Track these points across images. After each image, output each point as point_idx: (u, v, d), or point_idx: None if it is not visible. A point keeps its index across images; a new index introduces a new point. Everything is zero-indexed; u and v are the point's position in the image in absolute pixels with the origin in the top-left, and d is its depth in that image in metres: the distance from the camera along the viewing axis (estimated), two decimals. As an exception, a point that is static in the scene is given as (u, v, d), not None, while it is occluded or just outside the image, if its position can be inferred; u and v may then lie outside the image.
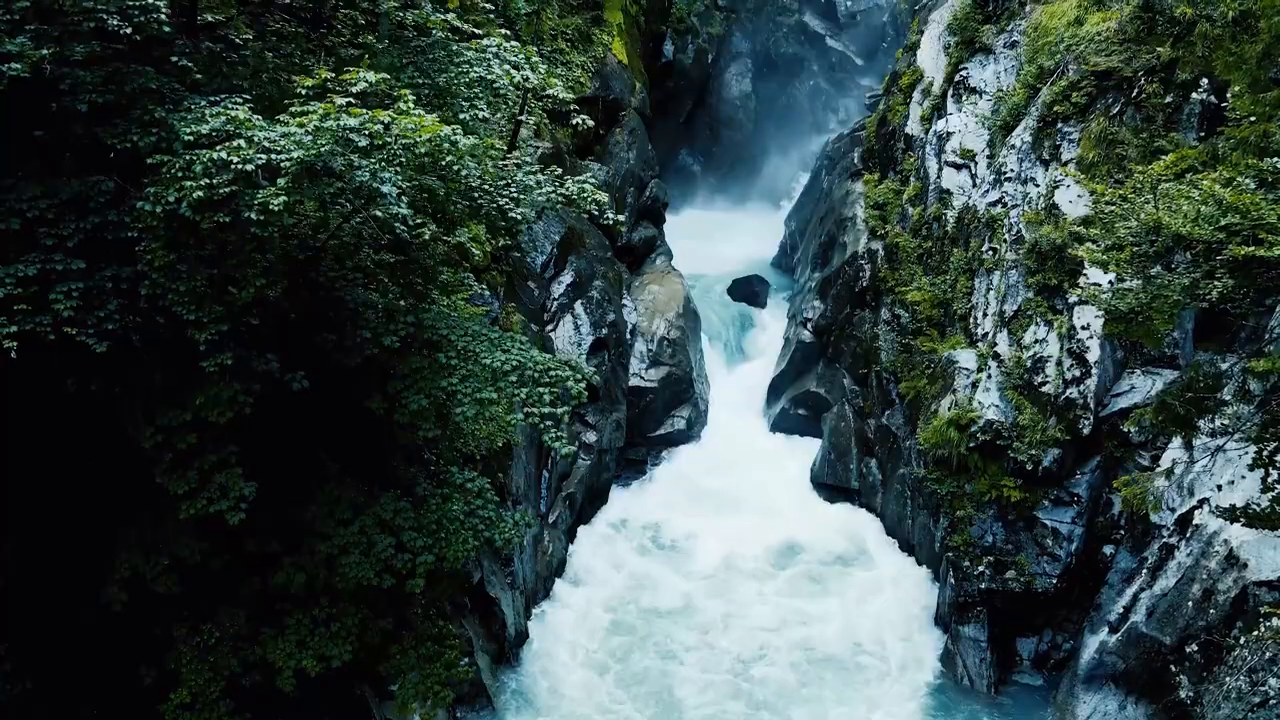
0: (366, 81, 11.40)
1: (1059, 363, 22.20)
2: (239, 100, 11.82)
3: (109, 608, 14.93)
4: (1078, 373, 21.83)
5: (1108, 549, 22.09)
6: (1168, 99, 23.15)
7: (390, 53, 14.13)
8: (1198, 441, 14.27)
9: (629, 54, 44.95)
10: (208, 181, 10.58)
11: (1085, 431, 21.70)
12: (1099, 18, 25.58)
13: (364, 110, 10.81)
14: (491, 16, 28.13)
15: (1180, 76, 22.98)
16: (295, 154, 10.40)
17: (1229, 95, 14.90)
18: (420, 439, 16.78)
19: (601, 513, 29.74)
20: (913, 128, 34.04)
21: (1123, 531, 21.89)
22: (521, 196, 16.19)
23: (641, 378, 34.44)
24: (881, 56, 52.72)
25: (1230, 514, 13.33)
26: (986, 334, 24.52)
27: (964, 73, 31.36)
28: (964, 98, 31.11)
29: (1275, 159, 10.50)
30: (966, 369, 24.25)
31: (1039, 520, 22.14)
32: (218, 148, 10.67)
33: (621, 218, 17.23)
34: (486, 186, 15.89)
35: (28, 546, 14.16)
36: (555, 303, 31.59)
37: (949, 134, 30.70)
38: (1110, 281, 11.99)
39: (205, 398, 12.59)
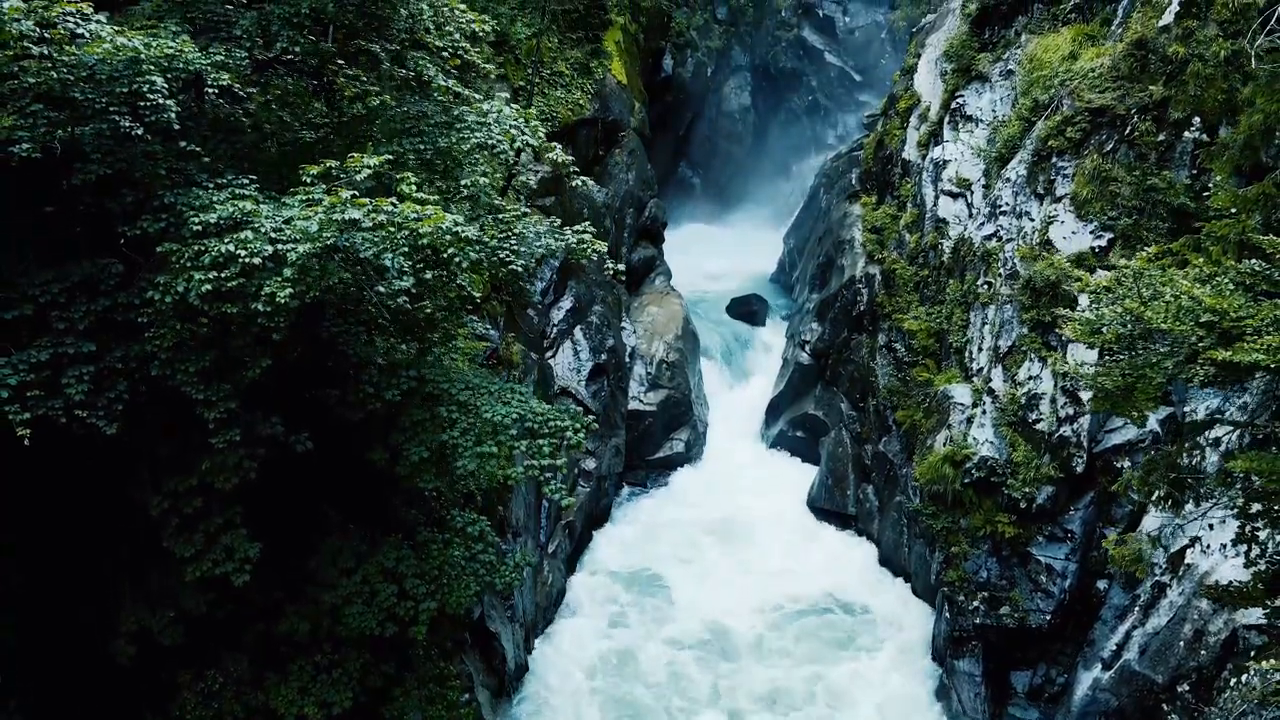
0: (369, 168, 11.63)
1: (1053, 400, 22.43)
2: (246, 181, 12.06)
3: (115, 659, 15.15)
4: (1071, 411, 22.06)
5: (1101, 584, 22.28)
6: (1160, 137, 23.33)
7: (393, 118, 14.36)
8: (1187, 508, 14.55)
9: (628, 73, 45.18)
10: (215, 275, 10.83)
11: (1079, 469, 21.92)
12: (1092, 53, 25.79)
13: (368, 201, 11.04)
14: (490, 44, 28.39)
15: (1173, 115, 23.16)
16: (302, 248, 10.64)
17: (1211, 185, 15.11)
18: (421, 489, 17.00)
19: (601, 538, 29.93)
20: (910, 153, 34.29)
21: (1116, 567, 22.11)
22: (521, 248, 16.43)
23: (640, 401, 34.69)
24: (879, 72, 53.00)
25: (1214, 593, 13.56)
26: (981, 369, 24.76)
27: (960, 100, 31.58)
28: (960, 125, 31.33)
29: (1254, 261, 10.75)
30: (961, 404, 24.49)
31: (1033, 556, 22.36)
32: (226, 239, 10.91)
33: (621, 268, 17.44)
34: (486, 240, 16.17)
35: (37, 604, 14.39)
36: (555, 329, 31.81)
37: (945, 162, 30.94)
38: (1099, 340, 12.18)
39: (211, 464, 12.83)
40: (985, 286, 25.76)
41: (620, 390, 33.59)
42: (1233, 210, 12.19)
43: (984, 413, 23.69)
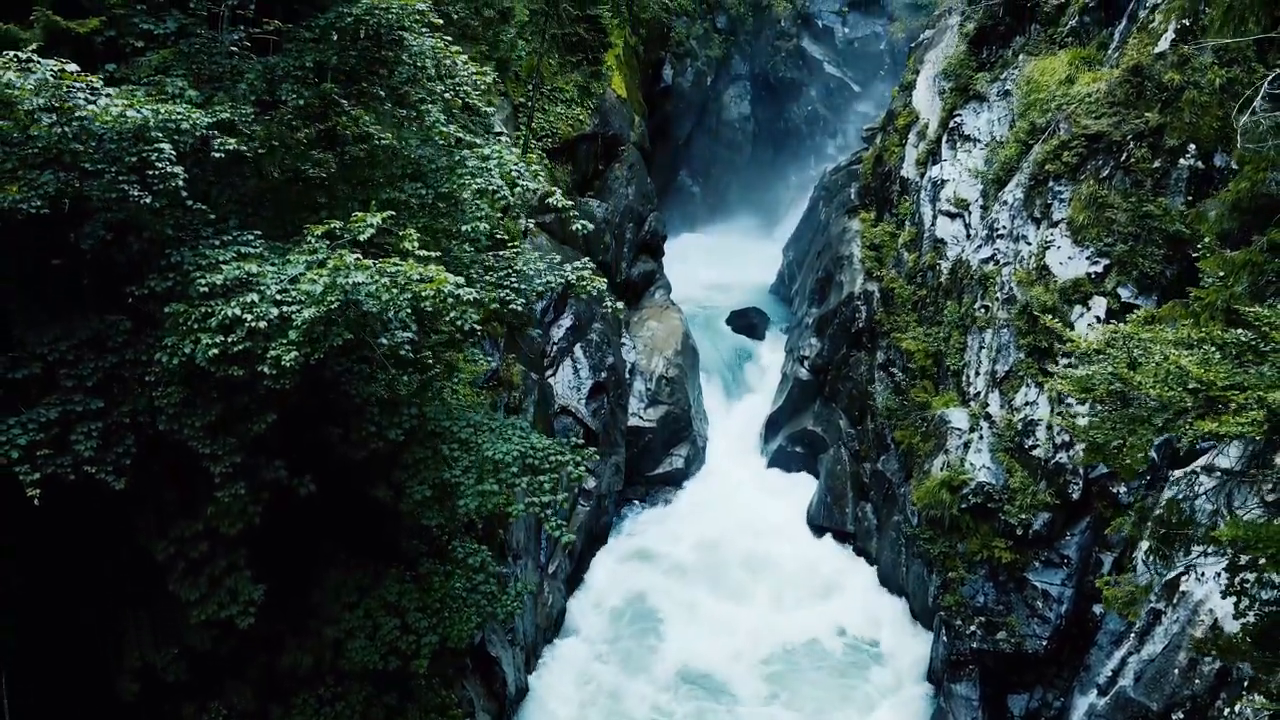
0: (372, 227, 11.80)
1: (1049, 426, 22.59)
2: (251, 237, 12.22)
3: (120, 697, 15.32)
4: (1067, 437, 22.21)
5: (1097, 608, 22.44)
6: (1156, 163, 23.50)
7: (395, 159, 14.53)
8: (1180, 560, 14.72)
9: (628, 85, 45.32)
10: (222, 339, 11.01)
11: (1075, 496, 22.09)
12: (1089, 78, 25.95)
13: (371, 263, 11.21)
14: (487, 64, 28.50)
15: (1168, 142, 23.34)
16: (307, 312, 10.82)
17: (1199, 246, 15.28)
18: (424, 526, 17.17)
19: (601, 558, 30.09)
20: (908, 170, 34.46)
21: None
22: (522, 286, 16.61)
23: (640, 417, 34.84)
24: (878, 83, 53.10)
25: (1204, 646, 13.73)
26: (979, 393, 24.93)
27: (958, 119, 31.75)
28: (958, 145, 31.50)
29: (1240, 331, 10.93)
30: (959, 429, 24.66)
31: (1029, 582, 22.54)
32: (232, 302, 11.09)
33: (621, 305, 17.55)
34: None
35: (43, 643, 14.56)
36: (555, 347, 31.96)
37: (943, 181, 31.10)
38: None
39: (217, 509, 13.00)
40: (983, 310, 25.92)
41: (620, 407, 33.75)
42: (1220, 274, 12.37)
43: (981, 438, 23.86)
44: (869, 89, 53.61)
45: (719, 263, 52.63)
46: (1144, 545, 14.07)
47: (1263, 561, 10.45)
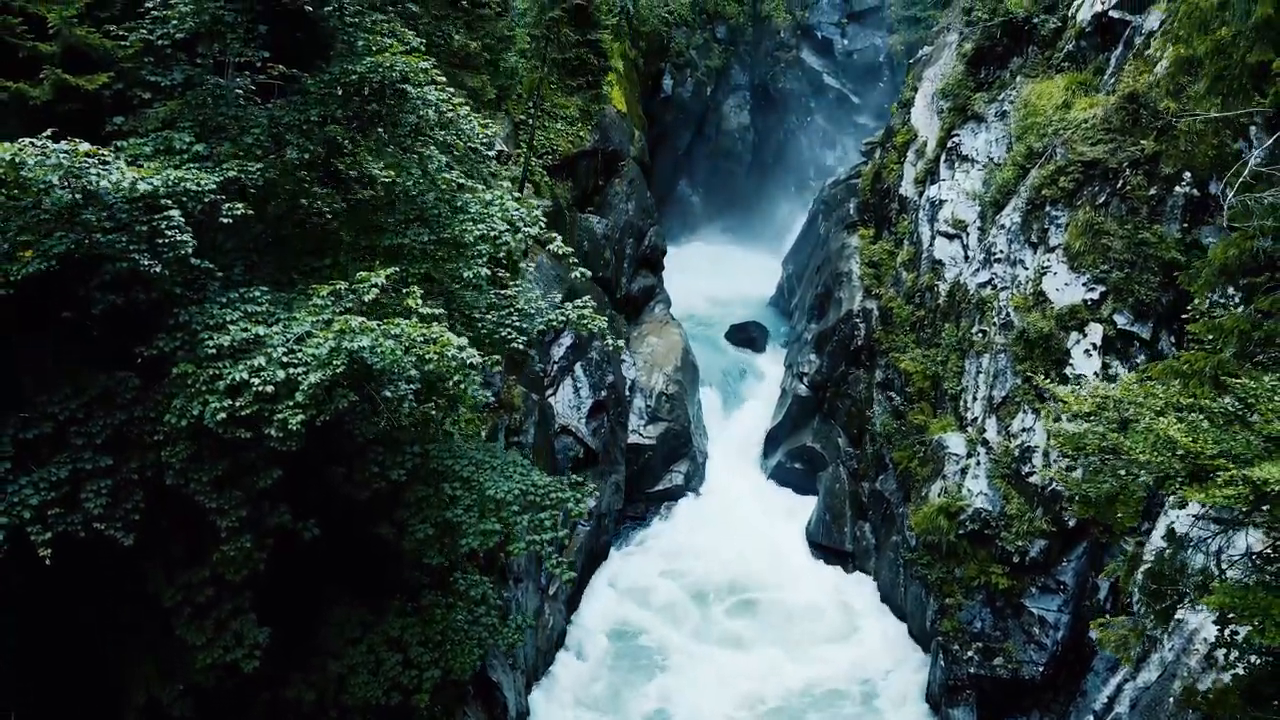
0: (377, 287, 12.01)
1: (1045, 453, 22.78)
2: (258, 294, 12.42)
3: (127, 733, 15.50)
4: (1064, 464, 22.40)
5: (1094, 633, 22.65)
6: (1152, 191, 23.68)
7: (399, 208, 14.73)
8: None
9: (628, 100, 45.53)
10: (230, 403, 11.20)
11: (1071, 523, 22.29)
12: (1085, 104, 26.14)
13: (375, 325, 11.40)
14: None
15: (1164, 170, 23.51)
16: (313, 377, 11.01)
17: (1188, 308, 15.47)
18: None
19: (600, 577, 30.26)
20: (906, 189, 34.65)
21: (1108, 615, 22.47)
22: (523, 324, 16.79)
23: (640, 434, 35.00)
24: (877, 95, 53.33)
25: (1193, 701, 13.94)
26: (976, 418, 25.12)
27: (956, 139, 31.95)
28: (956, 165, 31.70)
29: (1228, 400, 11.13)
30: (956, 455, 24.85)
31: (1026, 608, 22.74)
32: (240, 364, 11.28)
33: (621, 343, 17.73)
34: (490, 316, 16.57)
35: (50, 682, 14.74)
36: (555, 366, 32.11)
37: (941, 201, 31.29)
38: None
39: (222, 558, 13.18)
40: (980, 335, 26.12)
41: (620, 425, 33.93)
42: (1209, 338, 12.55)
43: (978, 464, 24.05)
44: (868, 100, 53.85)
45: (719, 272, 52.87)
46: (1139, 578, 14.20)
47: (1248, 630, 10.64)
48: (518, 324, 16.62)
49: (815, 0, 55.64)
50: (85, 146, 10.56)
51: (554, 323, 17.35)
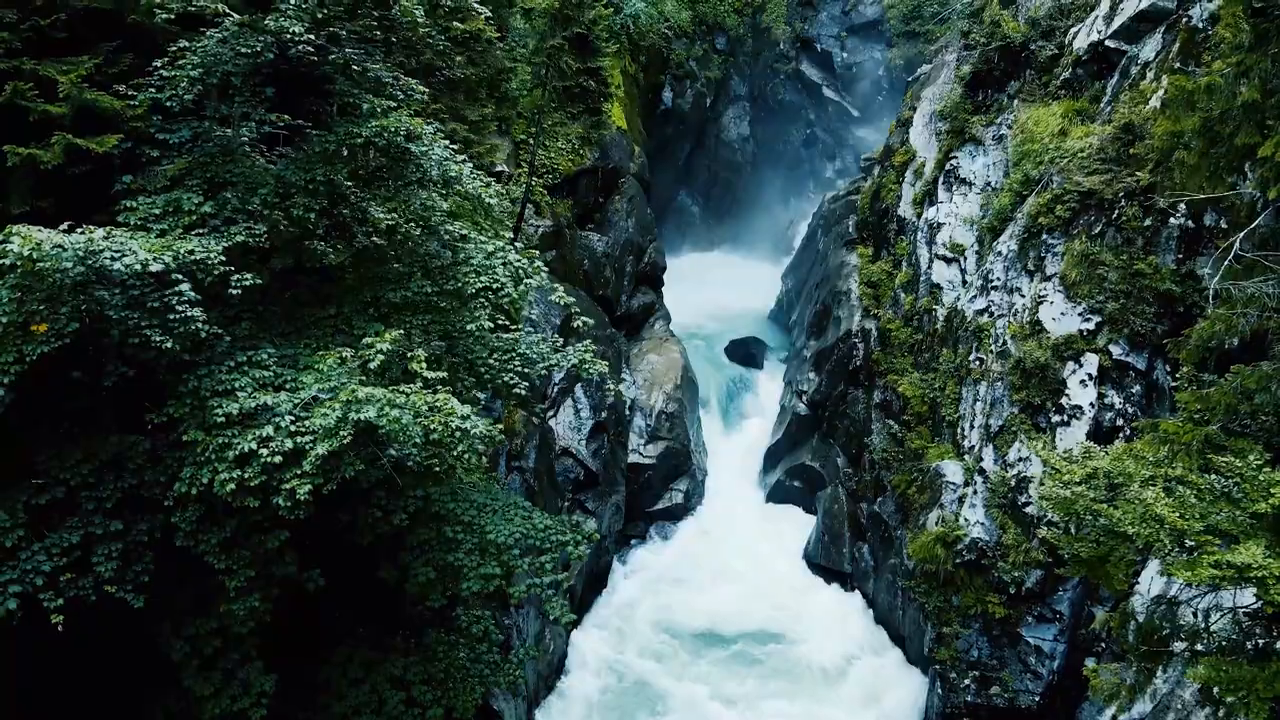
0: (383, 354, 12.23)
1: (1041, 484, 22.96)
2: (265, 357, 12.64)
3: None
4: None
5: (1090, 661, 22.86)
6: (1147, 222, 23.88)
7: (402, 259, 14.96)
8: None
9: (628, 115, 45.73)
10: (239, 473, 11.44)
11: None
12: (1081, 132, 26.35)
13: (381, 395, 11.63)
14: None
15: (1159, 201, 23.71)
16: (320, 448, 11.25)
17: (1176, 377, 15.69)
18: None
19: (601, 600, 30.48)
20: (905, 210, 34.86)
21: (1104, 644, 22.71)
22: (525, 369, 17.01)
23: (640, 454, 35.21)
24: (877, 108, 53.54)
25: None
26: (973, 447, 25.34)
27: (954, 161, 32.16)
28: (954, 187, 31.92)
29: (1214, 477, 11.36)
30: (953, 483, 25.07)
31: (1022, 637, 22.97)
32: (248, 435, 11.51)
33: (621, 389, 17.91)
34: (492, 361, 16.79)
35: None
36: (556, 387, 32.32)
37: (939, 225, 31.50)
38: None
39: (228, 608, 13.40)
40: (977, 363, 26.33)
41: (620, 445, 34.14)
42: (1198, 410, 12.76)
43: (975, 492, 24.27)
44: (867, 113, 54.06)
45: (718, 283, 53.00)
46: (1130, 630, 14.45)
47: (1232, 701, 10.87)
48: (520, 369, 16.84)
49: (815, 13, 55.81)
50: (99, 234, 10.77)
51: (556, 366, 17.57)
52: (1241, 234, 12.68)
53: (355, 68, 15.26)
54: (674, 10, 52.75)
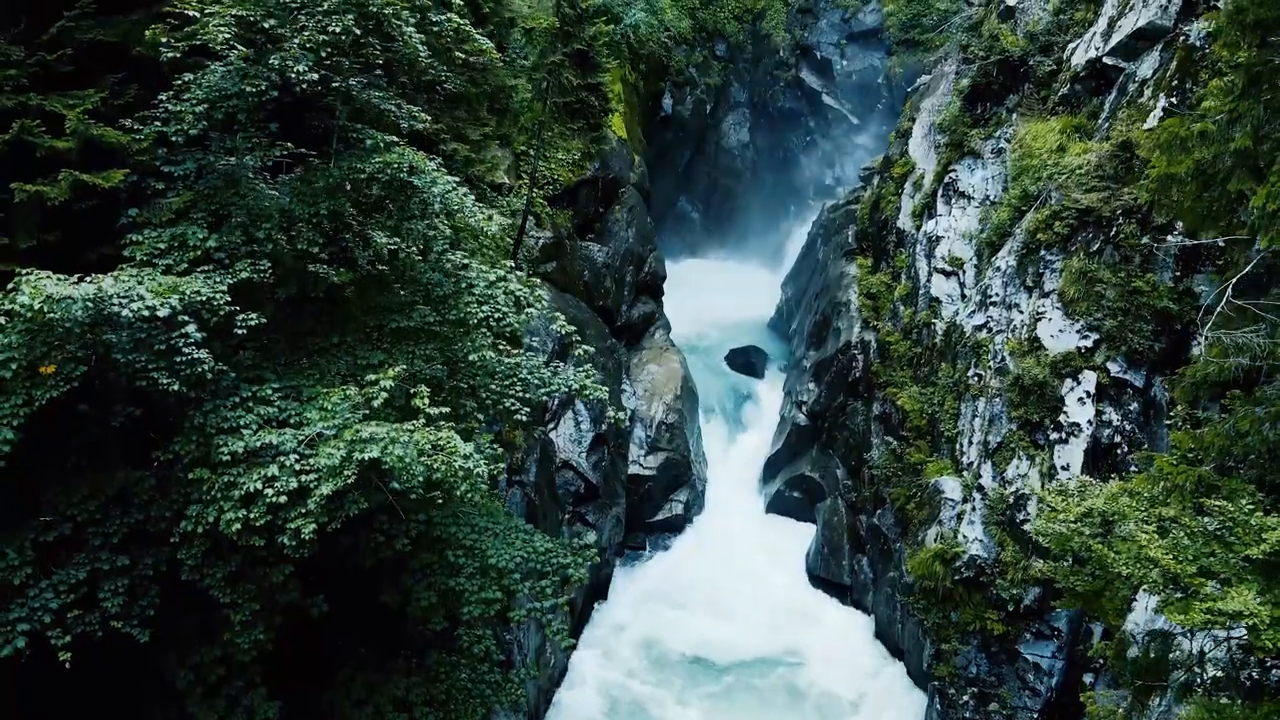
0: (386, 392, 12.36)
1: (1040, 501, 23.10)
2: (269, 392, 12.77)
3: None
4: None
5: (1088, 677, 23.00)
6: (1144, 240, 24.00)
7: (404, 289, 15.10)
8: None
9: (628, 123, 45.85)
10: (245, 513, 11.57)
11: (1064, 571, 22.62)
12: (1079, 149, 26.45)
13: (385, 433, 11.76)
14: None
15: (1156, 219, 23.83)
16: (325, 488, 11.38)
17: (1171, 415, 15.83)
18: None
19: (601, 613, 30.60)
20: (904, 222, 34.98)
21: (1103, 661, 22.82)
22: (526, 394, 17.14)
23: (640, 465, 35.32)
24: (876, 117, 53.59)
25: None
26: (972, 463, 25.47)
27: (953, 174, 32.27)
28: (953, 200, 32.04)
29: (1206, 519, 11.49)
30: (952, 500, 25.20)
31: (1021, 654, 23.10)
32: (254, 475, 11.65)
33: (623, 415, 18.05)
34: (494, 386, 16.93)
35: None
36: (556, 400, 32.42)
37: (938, 238, 31.62)
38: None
39: (232, 635, 13.54)
40: (976, 378, 26.46)
41: (620, 457, 34.27)
42: (1191, 449, 12.89)
43: (974, 509, 24.40)
44: (866, 121, 54.14)
45: (718, 290, 53.03)
46: (1126, 661, 14.61)
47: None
48: (521, 394, 16.97)
49: (814, 21, 55.89)
50: (108, 283, 10.90)
51: (556, 392, 17.69)
52: (1233, 280, 12.80)
53: (358, 96, 15.38)
54: (674, 19, 52.89)
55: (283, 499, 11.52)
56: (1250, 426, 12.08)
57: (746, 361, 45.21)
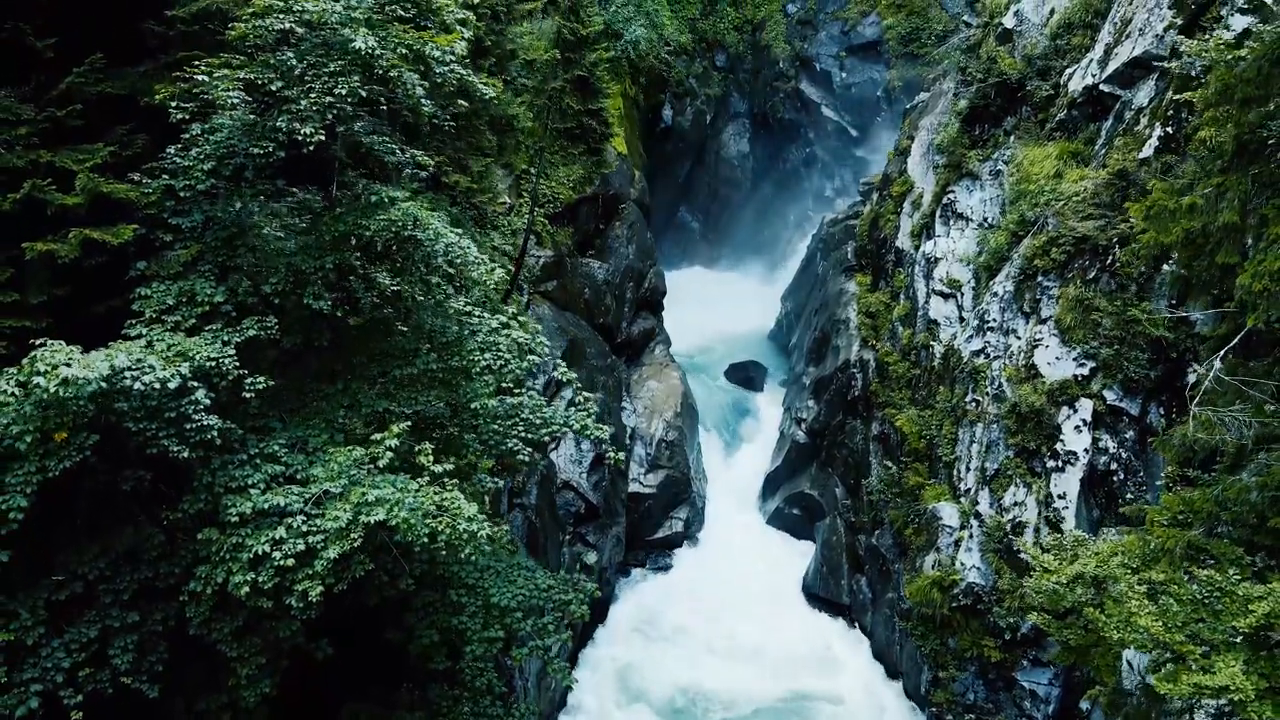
0: (391, 451, 12.59)
1: (1036, 530, 23.36)
2: (276, 449, 12.99)
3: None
4: (1053, 540, 22.95)
5: (1084, 704, 23.21)
6: (1140, 268, 24.20)
7: (409, 339, 15.32)
8: None
9: (628, 138, 46.06)
10: (253, 576, 11.79)
11: (1060, 599, 22.85)
12: (1076, 175, 26.64)
13: (391, 493, 11.98)
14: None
15: (1152, 249, 24.01)
16: (331, 552, 11.60)
17: (1161, 480, 16.04)
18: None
19: (600, 636, 30.78)
20: (903, 241, 35.19)
21: (1099, 687, 23.04)
22: (530, 436, 17.37)
23: (640, 483, 35.55)
24: (876, 129, 53.79)
25: None
26: (969, 489, 25.68)
27: (951, 195, 32.47)
28: (952, 221, 32.25)
29: (1195, 587, 11.71)
30: (950, 527, 25.43)
31: (1018, 681, 23.32)
32: (262, 538, 11.86)
33: (622, 455, 18.26)
34: (496, 427, 17.15)
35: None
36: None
37: (937, 259, 31.83)
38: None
39: (238, 683, 13.75)
40: (973, 404, 26.67)
41: (621, 475, 34.49)
42: (1181, 511, 13.09)
43: (971, 536, 24.62)
44: (866, 134, 54.34)
45: (718, 300, 53.29)
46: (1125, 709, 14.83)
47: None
48: (523, 435, 17.20)
49: (814, 32, 56.11)
50: (121, 358, 11.11)
51: (557, 432, 17.91)
52: (1221, 352, 13.01)
53: (362, 141, 15.60)
54: (675, 32, 53.12)
55: (290, 562, 11.73)
56: (1237, 496, 12.29)
57: (746, 376, 45.46)
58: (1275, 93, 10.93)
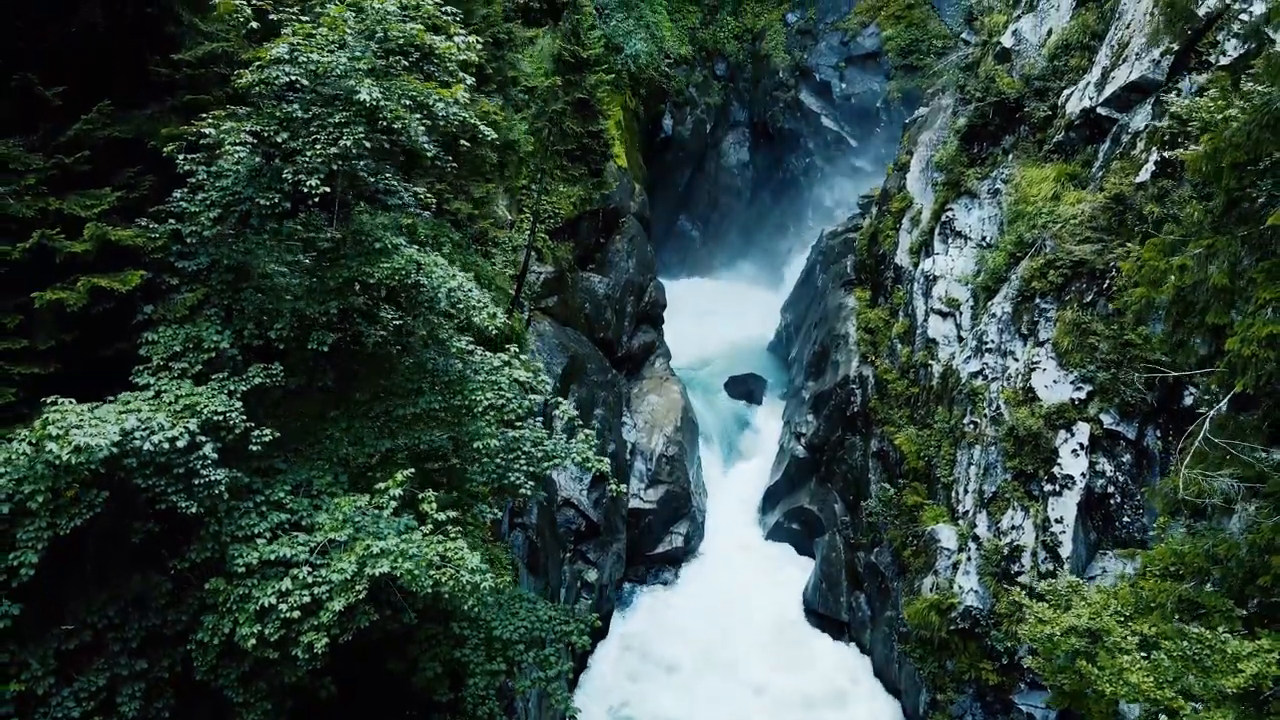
0: (396, 500, 12.78)
1: (1034, 554, 23.54)
2: (282, 496, 13.19)
3: None
4: (1051, 566, 23.19)
5: (1080, 726, 23.45)
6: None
7: (411, 377, 15.52)
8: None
9: (628, 151, 46.26)
10: (259, 629, 11.98)
11: (1057, 623, 23.03)
12: (1074, 198, 26.81)
13: (395, 544, 12.17)
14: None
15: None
16: (336, 605, 11.79)
17: (1154, 526, 16.21)
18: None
19: (602, 652, 30.97)
20: (902, 258, 35.37)
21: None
22: (532, 469, 17.55)
23: (641, 498, 35.74)
24: (875, 140, 53.94)
25: None
26: (967, 511, 25.87)
27: (950, 213, 32.63)
28: (950, 239, 32.41)
29: (1185, 643, 11.90)
30: (948, 549, 25.61)
31: (1016, 705, 23.50)
32: (268, 589, 12.05)
33: (624, 487, 18.44)
34: (499, 460, 17.34)
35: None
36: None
37: (936, 277, 32.00)
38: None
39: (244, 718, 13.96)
40: (972, 426, 26.85)
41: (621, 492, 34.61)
42: (1172, 564, 13.27)
43: (969, 559, 24.81)
44: (865, 144, 54.48)
45: (718, 309, 53.51)
46: None
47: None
48: (525, 467, 17.37)
49: (814, 43, 56.28)
50: (131, 420, 11.29)
51: (560, 465, 18.08)
52: (1209, 414, 13.20)
53: (364, 180, 15.78)
54: (675, 43, 53.30)
55: (296, 614, 11.92)
56: (1226, 552, 12.47)
57: (746, 389, 45.64)
58: (1265, 154, 11.11)
